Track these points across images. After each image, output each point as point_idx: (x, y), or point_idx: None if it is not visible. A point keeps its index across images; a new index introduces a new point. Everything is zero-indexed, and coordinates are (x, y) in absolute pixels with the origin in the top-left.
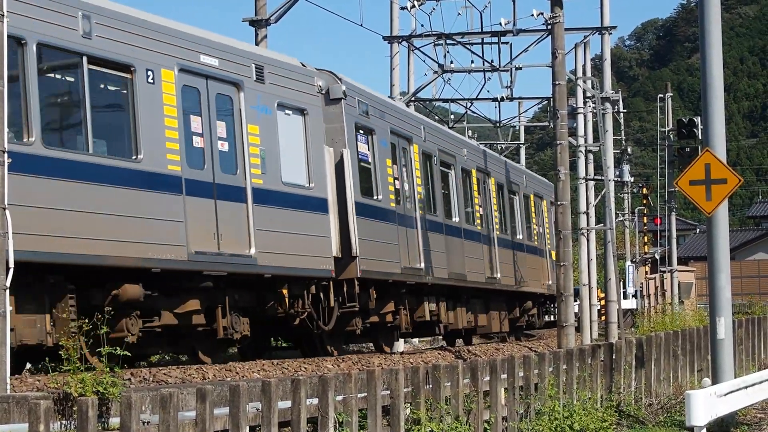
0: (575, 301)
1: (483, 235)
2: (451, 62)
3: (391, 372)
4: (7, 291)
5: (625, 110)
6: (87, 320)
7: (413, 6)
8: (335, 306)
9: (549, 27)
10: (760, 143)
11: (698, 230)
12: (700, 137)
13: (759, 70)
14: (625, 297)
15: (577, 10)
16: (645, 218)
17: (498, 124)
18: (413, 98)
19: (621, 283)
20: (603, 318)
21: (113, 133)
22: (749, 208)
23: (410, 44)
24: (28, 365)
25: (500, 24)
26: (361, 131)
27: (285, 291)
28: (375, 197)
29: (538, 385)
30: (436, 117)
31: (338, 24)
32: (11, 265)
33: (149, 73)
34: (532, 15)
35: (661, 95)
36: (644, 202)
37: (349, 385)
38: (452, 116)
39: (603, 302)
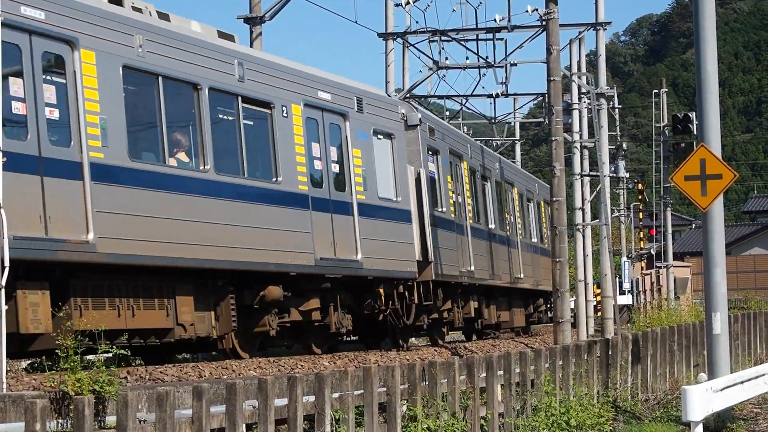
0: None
1: (511, 240)
2: (446, 59)
3: (387, 369)
4: (2, 290)
5: (620, 106)
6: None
7: (408, 2)
8: (414, 304)
9: (544, 23)
10: (755, 138)
11: (694, 226)
12: (695, 132)
13: (754, 65)
14: (621, 293)
15: (571, 6)
16: (641, 214)
17: (493, 121)
18: (408, 95)
19: (617, 278)
20: (599, 314)
21: (260, 159)
22: (745, 203)
23: (405, 41)
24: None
25: (495, 20)
26: (430, 152)
27: (381, 290)
28: (440, 209)
29: (534, 382)
30: (432, 113)
31: (333, 21)
32: (6, 264)
33: (284, 108)
34: (527, 11)
35: (656, 91)
36: (640, 197)
37: (346, 382)
38: (447, 113)
39: (599, 298)
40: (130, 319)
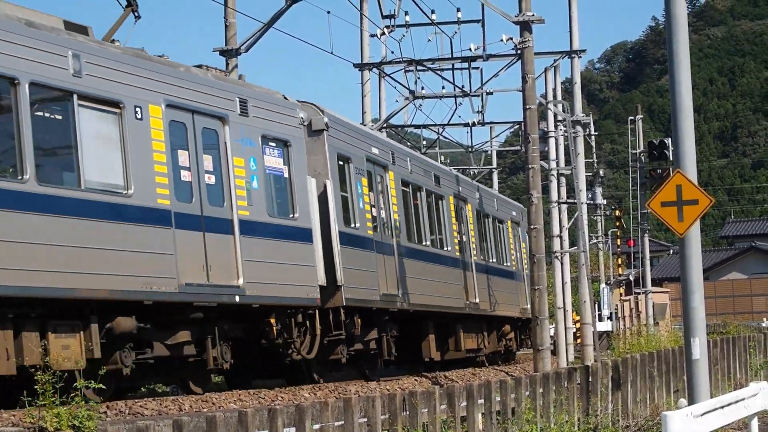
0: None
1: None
2: (422, 88)
3: (367, 399)
4: None
5: (596, 133)
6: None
7: (383, 33)
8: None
9: (519, 52)
10: (731, 163)
11: (671, 251)
12: (671, 158)
13: (728, 91)
14: (600, 319)
15: (546, 35)
16: (618, 240)
17: (470, 149)
18: (385, 125)
19: (596, 305)
20: (578, 341)
21: (496, 252)
22: (722, 228)
23: (381, 71)
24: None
25: (470, 49)
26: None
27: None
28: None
29: (515, 410)
30: (408, 143)
31: (309, 52)
32: None
33: (502, 222)
34: (502, 40)
35: (632, 117)
36: (617, 224)
37: (326, 413)
38: (424, 142)
39: (578, 325)
40: (462, 343)
